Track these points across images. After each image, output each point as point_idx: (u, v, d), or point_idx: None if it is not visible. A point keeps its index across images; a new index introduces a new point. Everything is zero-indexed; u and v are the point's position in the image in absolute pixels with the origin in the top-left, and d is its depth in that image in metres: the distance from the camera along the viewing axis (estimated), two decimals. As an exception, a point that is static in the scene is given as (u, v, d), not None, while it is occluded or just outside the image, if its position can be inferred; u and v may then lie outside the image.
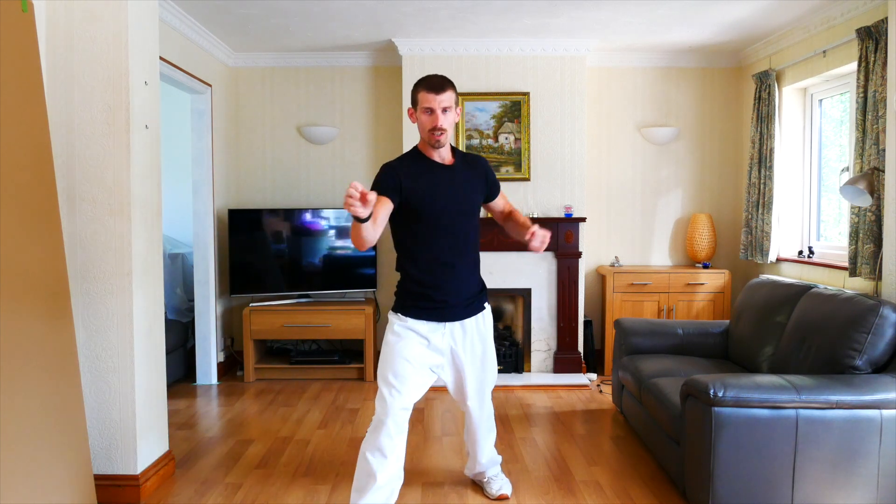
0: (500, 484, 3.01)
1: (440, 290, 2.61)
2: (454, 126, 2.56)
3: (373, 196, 2.15)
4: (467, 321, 2.71)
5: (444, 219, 2.59)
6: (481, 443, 2.98)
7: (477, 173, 2.74)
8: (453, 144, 3.01)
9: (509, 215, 2.87)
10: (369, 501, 2.55)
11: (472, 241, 2.70)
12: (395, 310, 2.67)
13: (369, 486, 2.54)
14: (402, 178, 2.53)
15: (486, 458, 3.03)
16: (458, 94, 2.60)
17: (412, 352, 2.59)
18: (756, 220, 4.88)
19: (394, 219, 2.61)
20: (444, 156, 2.62)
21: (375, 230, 2.36)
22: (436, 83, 2.51)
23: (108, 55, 2.89)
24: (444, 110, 2.51)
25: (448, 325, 2.66)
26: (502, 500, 2.95)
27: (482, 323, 2.78)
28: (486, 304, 2.83)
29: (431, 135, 2.53)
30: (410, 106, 2.59)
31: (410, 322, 2.62)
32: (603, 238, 5.46)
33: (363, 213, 2.15)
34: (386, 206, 2.47)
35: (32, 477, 2.35)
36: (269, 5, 4.15)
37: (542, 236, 2.50)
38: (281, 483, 3.15)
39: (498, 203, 2.89)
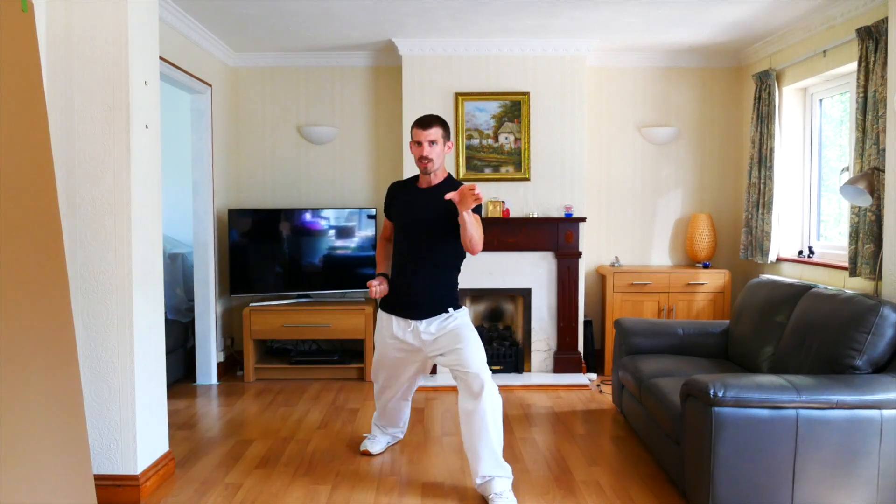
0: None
1: (404, 291, 3.12)
2: (443, 156, 3.10)
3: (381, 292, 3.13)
4: (433, 319, 3.07)
5: (409, 230, 3.12)
6: (473, 441, 2.94)
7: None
8: (451, 173, 3.54)
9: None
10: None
11: (437, 253, 3.09)
12: (380, 303, 3.25)
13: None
14: (392, 196, 3.27)
15: (483, 466, 2.91)
16: (447, 130, 3.09)
17: (385, 339, 3.20)
18: (756, 220, 4.88)
19: None
20: (430, 180, 3.14)
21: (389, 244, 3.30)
22: (424, 121, 3.05)
23: (108, 55, 2.89)
24: (431, 143, 3.04)
25: (413, 322, 3.10)
26: None
27: (449, 321, 3.07)
28: (454, 309, 3.09)
29: (419, 162, 3.09)
30: (411, 139, 3.11)
31: (384, 315, 3.21)
32: (603, 238, 5.46)
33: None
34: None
35: (32, 477, 2.35)
36: (269, 5, 4.15)
37: (457, 193, 2.77)
38: (281, 483, 3.15)
39: None
